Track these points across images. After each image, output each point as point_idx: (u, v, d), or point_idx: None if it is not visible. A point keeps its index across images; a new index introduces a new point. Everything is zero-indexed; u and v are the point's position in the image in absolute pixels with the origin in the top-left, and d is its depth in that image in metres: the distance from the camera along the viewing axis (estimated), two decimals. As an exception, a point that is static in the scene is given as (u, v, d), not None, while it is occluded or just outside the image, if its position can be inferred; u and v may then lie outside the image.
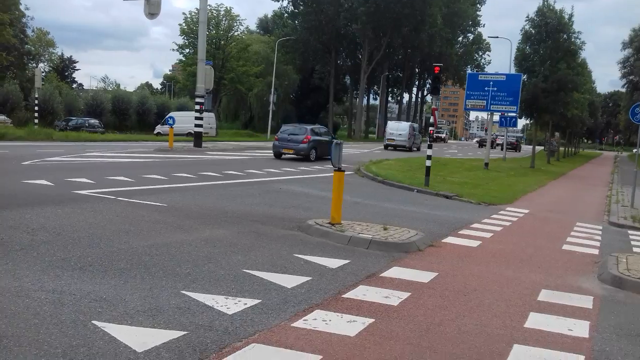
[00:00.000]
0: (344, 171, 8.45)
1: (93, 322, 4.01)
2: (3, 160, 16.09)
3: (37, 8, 75.94)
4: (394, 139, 39.48)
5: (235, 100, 62.84)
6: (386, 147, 39.59)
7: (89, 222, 7.51)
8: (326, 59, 67.34)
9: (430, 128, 16.78)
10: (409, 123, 43.96)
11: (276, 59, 51.59)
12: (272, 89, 49.29)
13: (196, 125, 26.10)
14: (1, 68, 51.38)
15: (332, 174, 8.55)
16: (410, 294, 5.49)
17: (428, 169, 15.87)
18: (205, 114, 28.57)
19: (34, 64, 61.17)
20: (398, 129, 40.57)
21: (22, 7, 51.50)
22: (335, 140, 8.47)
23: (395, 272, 6.31)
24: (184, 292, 4.86)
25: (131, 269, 5.44)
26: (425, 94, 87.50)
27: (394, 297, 5.31)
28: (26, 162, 15.17)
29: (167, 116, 36.90)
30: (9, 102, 41.50)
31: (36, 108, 33.73)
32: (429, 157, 15.96)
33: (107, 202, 9.24)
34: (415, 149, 40.37)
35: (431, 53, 66.15)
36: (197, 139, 25.98)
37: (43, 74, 52.13)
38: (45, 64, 68.09)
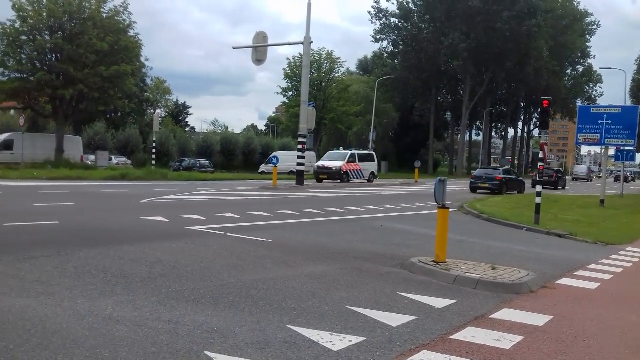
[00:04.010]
0: (448, 208, 8.27)
1: (205, 352, 4.16)
2: (125, 198, 17.43)
3: (155, 59, 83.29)
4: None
5: (335, 139, 63.93)
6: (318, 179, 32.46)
7: (200, 256, 7.90)
8: (426, 96, 67.04)
9: (540, 164, 16.18)
10: (348, 152, 35.39)
11: (376, 97, 52.20)
12: (372, 127, 49.75)
13: (298, 164, 26.85)
14: (124, 114, 56.23)
15: (433, 211, 8.41)
16: (523, 337, 5.19)
17: (538, 206, 15.10)
18: (306, 153, 29.34)
19: (152, 110, 66.33)
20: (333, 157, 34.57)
21: (142, 59, 56.28)
22: (440, 178, 8.34)
23: (506, 314, 6.00)
24: (290, 326, 4.94)
25: (240, 302, 5.62)
26: (531, 128, 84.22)
27: (506, 341, 5.04)
28: (145, 200, 16.32)
29: (271, 156, 38.37)
30: (129, 145, 45.19)
31: (154, 150, 36.36)
32: (538, 194, 15.21)
33: (217, 238, 9.67)
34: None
35: (537, 87, 63.80)
36: (300, 177, 26.67)
37: (160, 119, 56.32)
38: (162, 109, 73.59)
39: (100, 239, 8.95)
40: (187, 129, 77.49)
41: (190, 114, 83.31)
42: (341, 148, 40.57)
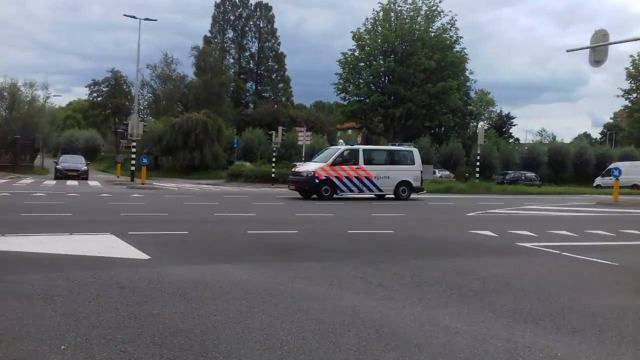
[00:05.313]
0: None
1: (550, 380, 3.85)
2: (451, 211, 17.88)
3: (479, 71, 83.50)
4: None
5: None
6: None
7: (535, 275, 7.46)
8: None
9: None
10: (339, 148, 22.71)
11: None
12: None
13: (646, 176, 23.32)
14: (447, 128, 58.03)
15: None
16: None
17: None
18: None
19: (474, 123, 66.79)
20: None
21: (467, 72, 57.34)
22: None
23: None
24: (651, 367, 4.21)
25: (585, 330, 5.06)
26: None
27: None
28: (470, 213, 16.42)
29: (610, 167, 34.51)
30: (452, 158, 46.39)
31: (477, 163, 36.53)
32: None
33: (552, 257, 9.02)
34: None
35: None
36: (646, 191, 23.13)
37: (484, 131, 56.34)
38: (485, 122, 73.41)
39: (432, 250, 9.31)
40: (511, 140, 75.46)
41: (514, 125, 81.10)
42: (341, 141, 28.62)
